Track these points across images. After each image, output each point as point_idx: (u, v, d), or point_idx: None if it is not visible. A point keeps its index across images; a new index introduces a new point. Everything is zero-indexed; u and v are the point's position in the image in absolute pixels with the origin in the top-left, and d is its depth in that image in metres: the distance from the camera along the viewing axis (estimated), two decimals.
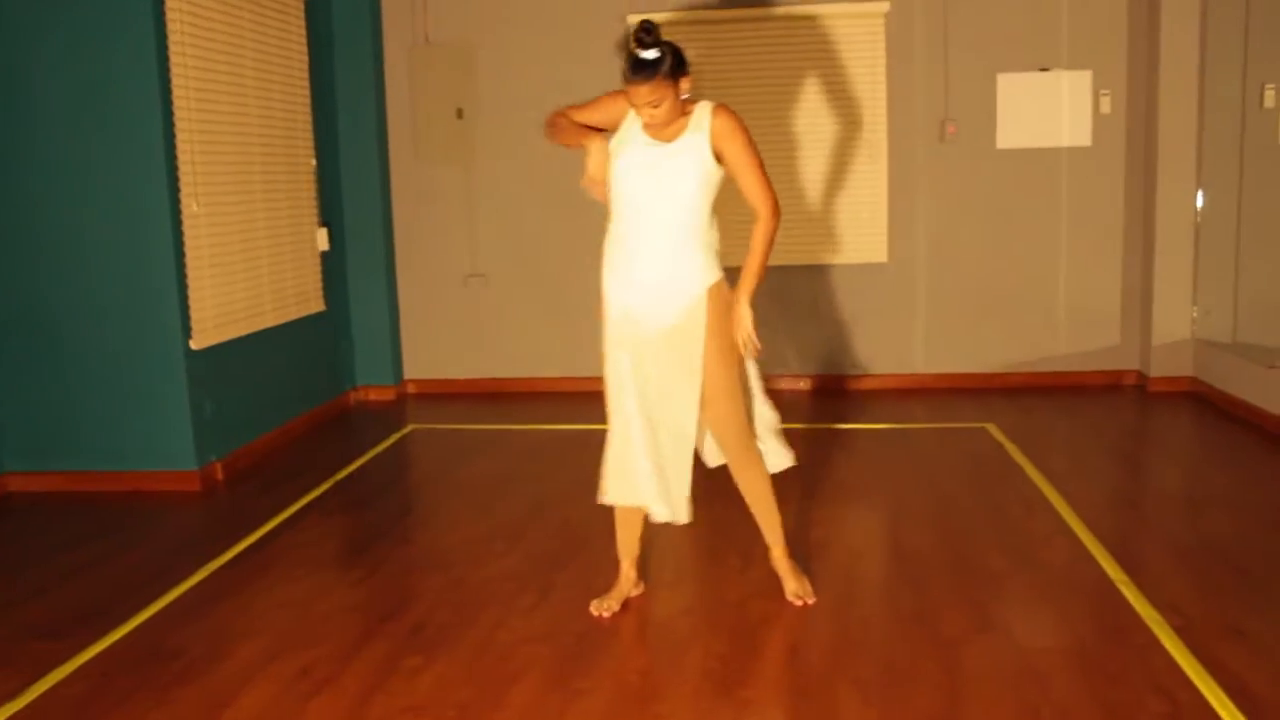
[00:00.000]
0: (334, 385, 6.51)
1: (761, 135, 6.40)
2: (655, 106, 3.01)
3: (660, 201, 3.12)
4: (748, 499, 3.41)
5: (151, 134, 4.66)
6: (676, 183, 3.11)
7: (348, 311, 6.70)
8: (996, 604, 3.40)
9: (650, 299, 3.17)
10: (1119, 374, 6.49)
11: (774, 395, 3.55)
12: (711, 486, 3.59)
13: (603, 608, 3.40)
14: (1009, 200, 6.43)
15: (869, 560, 3.85)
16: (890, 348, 6.60)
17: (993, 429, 5.55)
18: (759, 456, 3.35)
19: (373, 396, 6.79)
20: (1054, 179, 6.38)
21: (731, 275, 3.23)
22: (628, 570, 3.49)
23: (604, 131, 3.20)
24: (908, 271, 6.53)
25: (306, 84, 6.04)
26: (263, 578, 3.83)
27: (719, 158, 3.12)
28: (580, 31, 6.47)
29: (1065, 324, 6.49)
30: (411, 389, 6.95)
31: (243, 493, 4.92)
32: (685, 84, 3.05)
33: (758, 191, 3.14)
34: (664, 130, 3.11)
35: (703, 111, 3.13)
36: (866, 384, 6.60)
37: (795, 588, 3.41)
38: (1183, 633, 3.12)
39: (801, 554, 3.84)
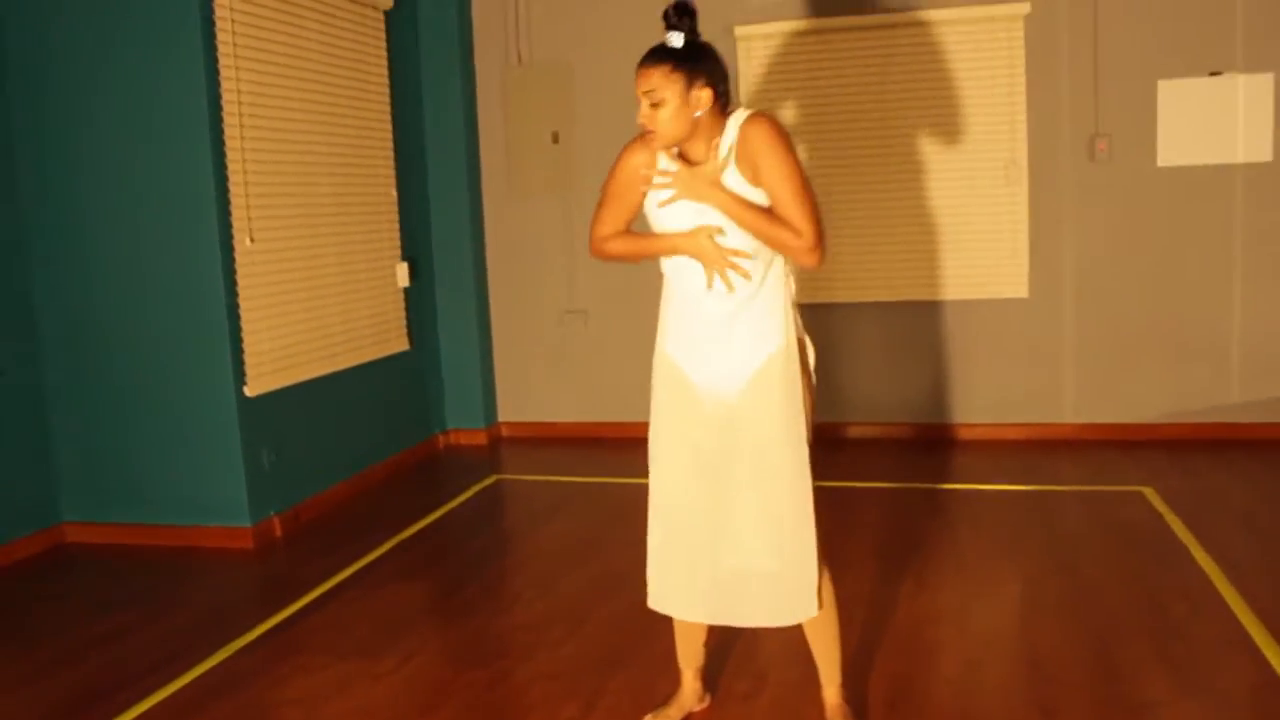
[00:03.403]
0: (421, 429, 6.11)
1: (885, 156, 5.87)
2: (654, 105, 2.43)
3: None
4: (805, 623, 2.73)
5: (200, 165, 4.34)
6: (719, 223, 2.52)
7: (437, 350, 6.30)
8: None
9: (710, 366, 2.65)
10: None
11: (894, 446, 2.91)
12: None
13: None
14: (1172, 226, 5.58)
15: (990, 672, 3.16)
16: (1032, 394, 5.82)
17: (1150, 494, 4.74)
18: (822, 568, 2.67)
19: (463, 441, 6.37)
20: (1227, 201, 5.51)
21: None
22: (690, 681, 2.93)
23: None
24: (1053, 308, 5.75)
25: (387, 109, 5.66)
26: (282, 664, 3.39)
27: (755, 178, 2.48)
28: None
29: (1239, 368, 5.59)
30: (505, 432, 6.51)
31: (298, 552, 4.52)
32: (701, 95, 2.43)
33: (796, 212, 2.42)
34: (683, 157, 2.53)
35: (731, 127, 2.50)
36: (1004, 434, 5.83)
37: None
38: None
39: (906, 658, 3.20)
